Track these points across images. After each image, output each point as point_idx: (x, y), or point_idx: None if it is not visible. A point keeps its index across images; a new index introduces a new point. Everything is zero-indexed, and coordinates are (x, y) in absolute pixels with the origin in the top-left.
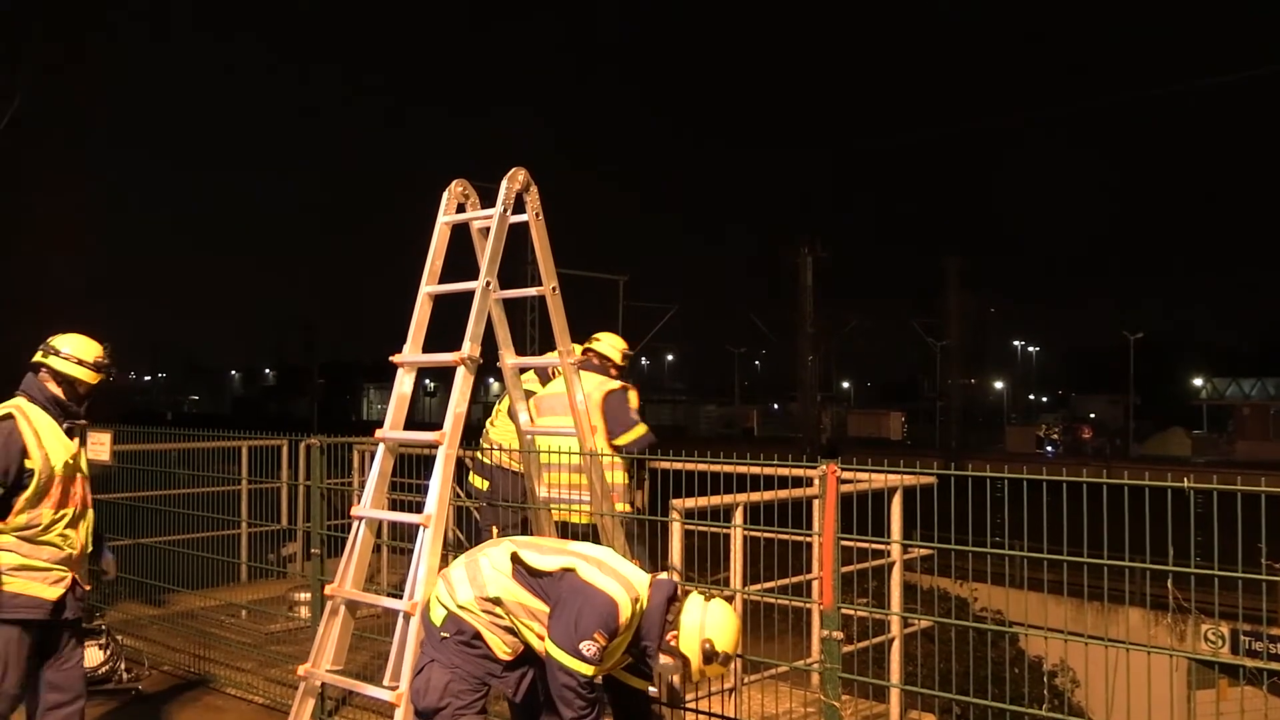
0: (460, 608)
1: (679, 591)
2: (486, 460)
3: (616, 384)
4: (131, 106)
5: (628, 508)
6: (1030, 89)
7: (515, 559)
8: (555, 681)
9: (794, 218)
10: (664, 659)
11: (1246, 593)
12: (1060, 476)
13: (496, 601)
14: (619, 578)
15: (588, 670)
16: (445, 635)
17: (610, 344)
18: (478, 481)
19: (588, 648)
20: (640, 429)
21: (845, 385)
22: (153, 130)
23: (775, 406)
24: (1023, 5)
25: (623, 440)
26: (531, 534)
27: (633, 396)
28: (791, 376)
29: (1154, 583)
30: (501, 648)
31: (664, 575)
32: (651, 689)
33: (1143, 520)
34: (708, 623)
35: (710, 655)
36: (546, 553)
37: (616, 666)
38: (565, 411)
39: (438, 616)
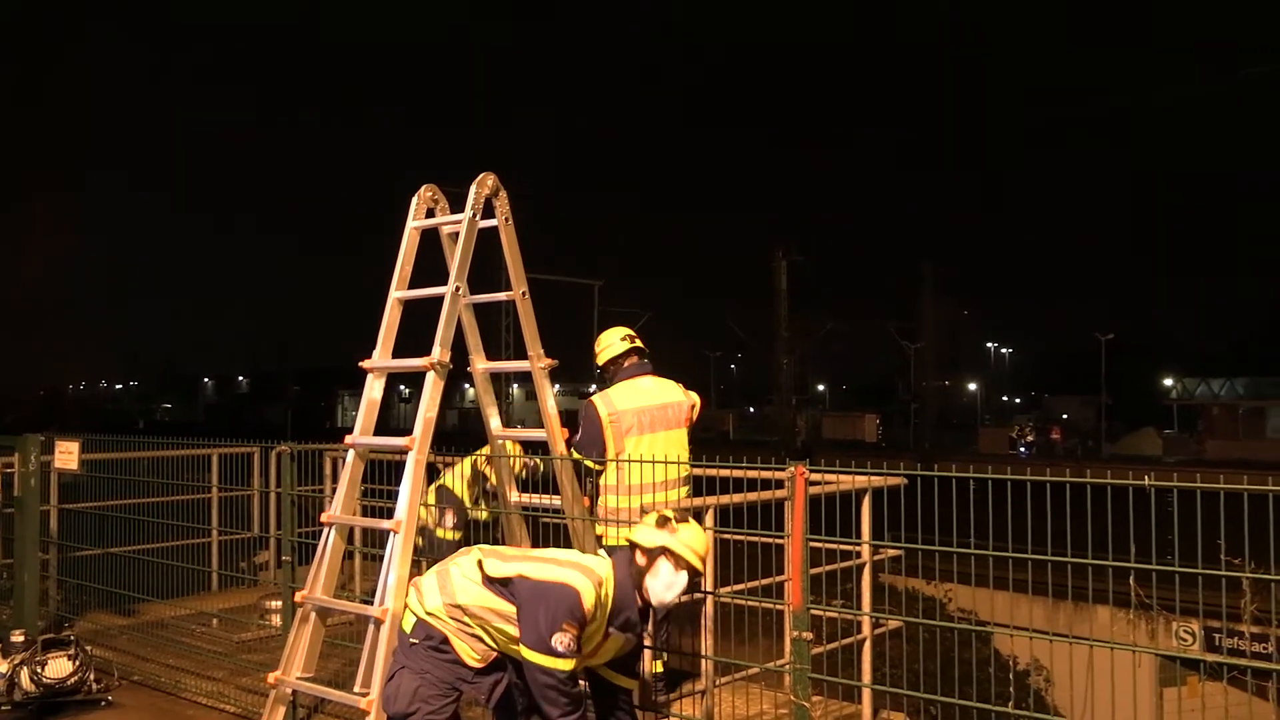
0: (428, 614)
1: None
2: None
3: None
4: (111, 115)
5: None
6: (1005, 92)
7: (481, 566)
8: (536, 684)
9: (770, 221)
10: (650, 578)
11: (1208, 589)
12: (1025, 476)
13: (463, 609)
14: (576, 566)
15: (565, 665)
16: (415, 641)
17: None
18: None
19: (559, 640)
20: None
21: (821, 388)
22: (137, 138)
23: (751, 409)
24: (995, 10)
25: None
26: (504, 540)
27: None
28: (768, 380)
29: (1121, 580)
30: (470, 654)
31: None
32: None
33: (1111, 518)
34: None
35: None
36: (506, 560)
37: (601, 660)
38: (666, 424)
39: (408, 623)
